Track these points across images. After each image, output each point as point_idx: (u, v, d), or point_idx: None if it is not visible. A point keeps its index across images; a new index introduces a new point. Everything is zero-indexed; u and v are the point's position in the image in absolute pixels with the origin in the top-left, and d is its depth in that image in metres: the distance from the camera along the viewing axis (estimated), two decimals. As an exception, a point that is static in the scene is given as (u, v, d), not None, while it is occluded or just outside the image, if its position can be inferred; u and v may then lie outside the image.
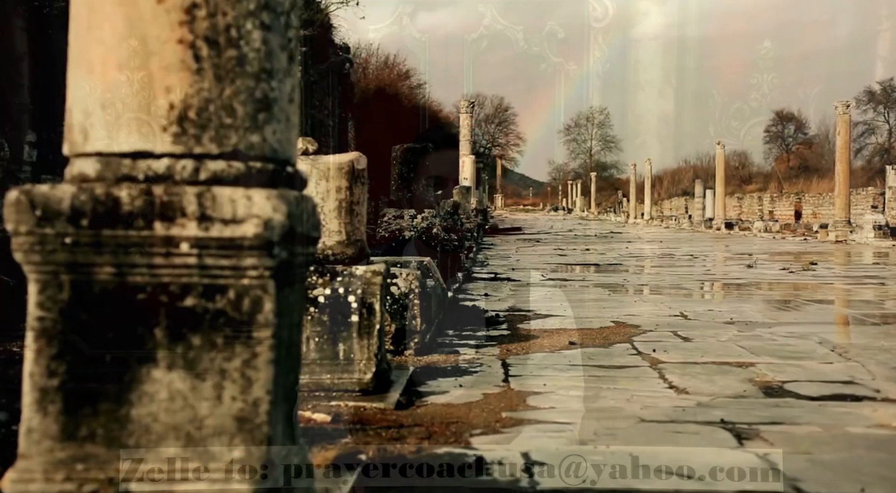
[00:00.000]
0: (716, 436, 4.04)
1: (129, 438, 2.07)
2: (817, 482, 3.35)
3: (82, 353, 2.06)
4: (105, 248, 2.05)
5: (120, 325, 2.06)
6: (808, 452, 3.77)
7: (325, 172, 4.87)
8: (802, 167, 68.90)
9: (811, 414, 4.49)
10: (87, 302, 2.06)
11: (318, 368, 4.72)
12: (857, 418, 4.42)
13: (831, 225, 31.70)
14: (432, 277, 7.28)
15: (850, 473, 3.47)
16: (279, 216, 2.08)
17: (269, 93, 2.17)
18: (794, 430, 4.15)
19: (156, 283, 2.06)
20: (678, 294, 11.30)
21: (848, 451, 3.80)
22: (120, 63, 2.09)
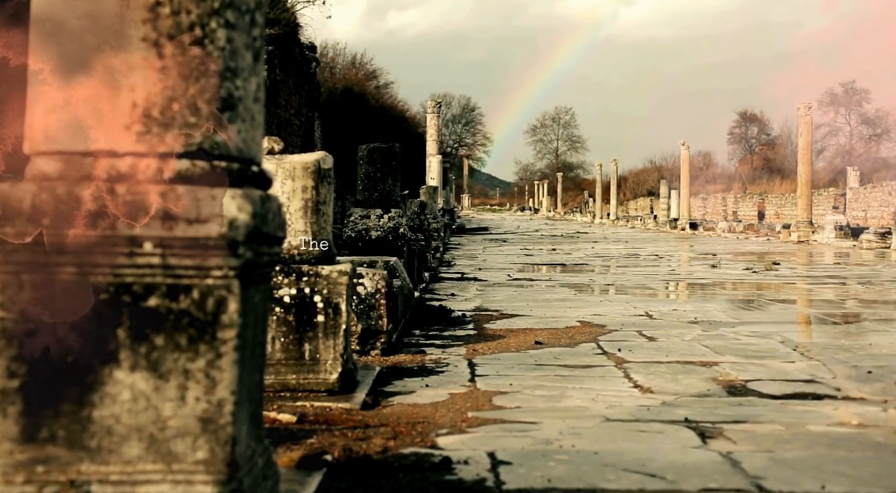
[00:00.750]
0: (680, 435, 4.07)
1: (92, 439, 2.05)
2: (779, 479, 3.38)
3: (44, 353, 2.04)
4: (67, 247, 2.03)
5: (82, 325, 2.04)
6: (771, 450, 3.81)
7: (291, 172, 4.85)
8: (766, 168, 69.72)
9: (773, 413, 4.55)
10: (48, 302, 2.04)
11: (284, 368, 4.70)
12: (818, 416, 4.47)
13: (793, 225, 32.08)
14: (399, 277, 7.28)
15: (811, 470, 3.52)
16: (244, 216, 2.07)
17: (233, 91, 2.16)
18: (756, 428, 4.20)
19: (119, 283, 2.04)
20: (643, 294, 11.38)
21: (809, 449, 3.85)
22: (83, 61, 2.07)
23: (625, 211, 69.86)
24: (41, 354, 2.04)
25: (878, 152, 65.61)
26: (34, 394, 2.04)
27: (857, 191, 41.99)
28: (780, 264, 17.51)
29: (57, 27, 2.10)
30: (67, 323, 2.04)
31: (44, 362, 2.04)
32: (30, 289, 2.04)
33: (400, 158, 10.96)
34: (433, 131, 36.78)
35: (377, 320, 6.21)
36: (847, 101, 70.13)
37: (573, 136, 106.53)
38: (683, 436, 4.05)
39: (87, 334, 2.04)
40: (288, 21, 21.33)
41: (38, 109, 2.13)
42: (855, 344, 6.96)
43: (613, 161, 59.36)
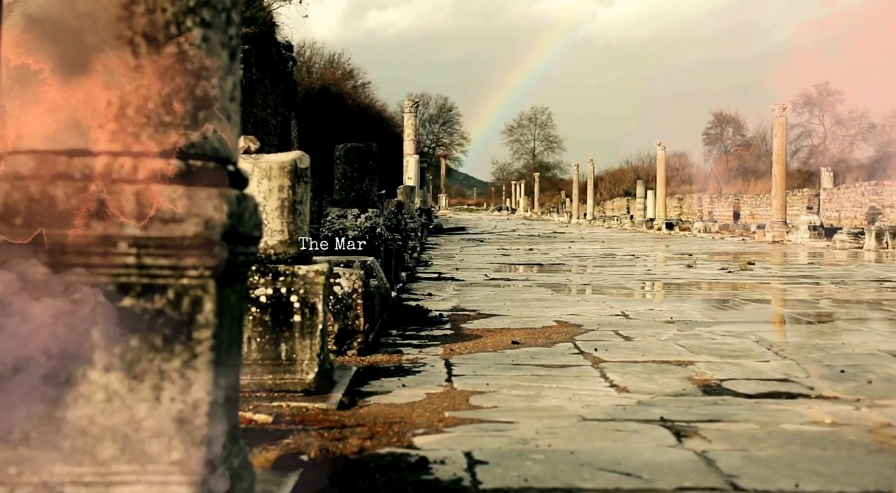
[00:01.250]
0: (655, 434, 4.09)
1: (65, 440, 2.03)
2: (753, 478, 3.41)
3: (16, 353, 2.02)
4: (40, 247, 2.01)
5: (56, 325, 2.03)
6: (745, 449, 3.84)
7: (268, 171, 4.83)
8: (741, 169, 70.19)
9: (748, 412, 4.58)
10: (21, 302, 2.02)
11: (260, 368, 4.68)
12: (792, 415, 4.51)
13: (768, 225, 32.32)
14: (376, 276, 7.27)
15: (785, 469, 3.54)
16: (220, 215, 2.06)
17: (209, 90, 2.15)
18: (731, 427, 4.23)
19: (93, 282, 2.03)
20: (620, 294, 11.43)
21: (783, 447, 3.88)
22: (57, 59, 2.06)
23: (601, 211, 70.12)
24: (13, 354, 2.02)
25: (851, 153, 66.24)
26: (6, 395, 2.02)
27: (830, 191, 42.36)
28: (755, 263, 17.64)
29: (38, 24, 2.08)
30: (41, 323, 2.02)
31: (16, 363, 2.02)
32: (1, 288, 2.02)
33: (377, 157, 10.95)
34: (410, 131, 36.77)
35: (354, 320, 6.20)
36: (821, 102, 70.75)
37: (550, 136, 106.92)
38: (659, 435, 4.07)
39: (60, 333, 2.03)
40: (264, 20, 21.26)
41: (11, 106, 2.11)
42: (828, 344, 7.02)
43: (590, 161, 59.56)
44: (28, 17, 2.09)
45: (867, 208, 36.40)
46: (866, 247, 24.12)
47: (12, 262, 2.02)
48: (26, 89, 2.09)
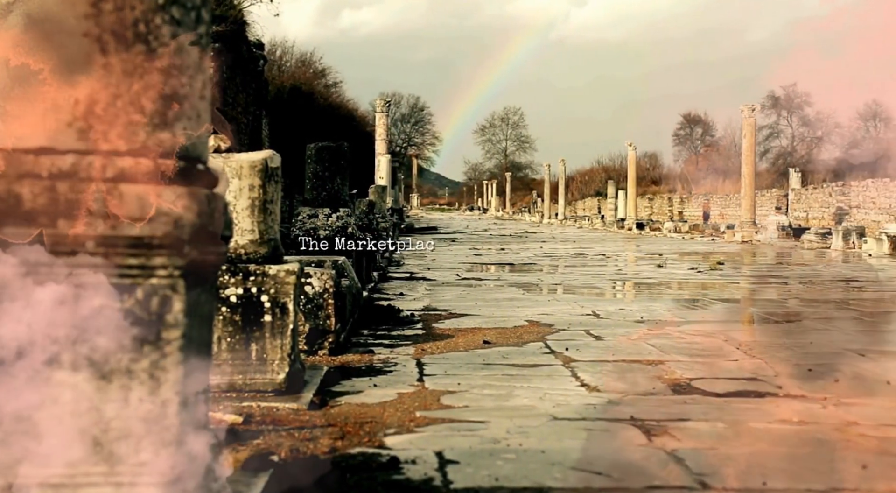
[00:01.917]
0: (625, 433, 4.11)
1: (32, 442, 2.01)
2: (722, 476, 3.44)
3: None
4: (6, 247, 1.99)
5: (23, 325, 2.00)
6: (714, 447, 3.87)
7: (238, 170, 4.81)
8: (710, 169, 70.72)
9: (717, 411, 4.62)
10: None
11: (230, 368, 4.65)
12: (760, 414, 4.55)
13: (737, 226, 32.59)
14: (347, 276, 7.25)
15: (754, 467, 3.58)
16: (189, 215, 2.05)
17: (179, 89, 2.13)
18: (700, 426, 4.26)
19: (60, 282, 2.01)
20: (591, 293, 11.48)
21: (751, 446, 3.91)
22: (23, 56, 2.03)
23: (573, 211, 70.38)
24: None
25: (818, 154, 66.97)
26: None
27: (798, 192, 42.79)
28: (724, 263, 17.78)
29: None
30: (6, 323, 2.00)
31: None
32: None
33: (348, 157, 10.93)
34: (382, 130, 36.73)
35: (325, 319, 6.19)
36: (788, 103, 71.48)
37: (522, 136, 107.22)
38: (629, 434, 4.09)
39: (28, 333, 2.01)
40: (235, 18, 21.14)
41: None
42: (796, 343, 7.10)
43: (562, 161, 59.76)
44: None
45: (834, 209, 36.80)
46: (833, 247, 24.40)
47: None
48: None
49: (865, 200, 34.99)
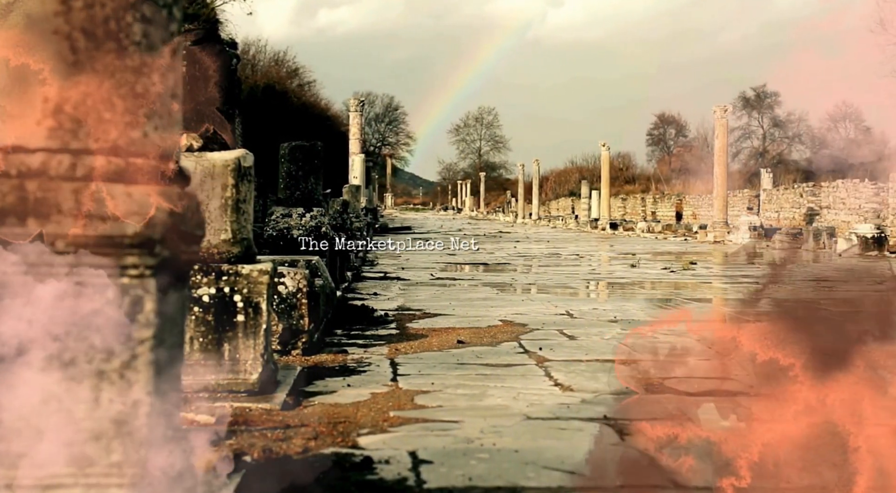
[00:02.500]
0: (599, 432, 4.13)
1: (1, 443, 1.99)
2: (694, 474, 3.46)
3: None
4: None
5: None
6: (686, 447, 3.89)
7: (211, 169, 4.78)
8: (683, 169, 71.22)
9: (689, 410, 4.64)
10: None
11: (202, 369, 4.62)
12: (731, 412, 4.58)
13: (710, 226, 32.82)
14: (321, 276, 7.23)
15: (724, 466, 3.60)
16: (161, 214, 2.04)
17: (150, 87, 2.12)
18: (672, 425, 4.28)
19: (29, 281, 1.99)
20: (564, 293, 11.51)
21: (722, 445, 3.93)
22: None
23: (547, 211, 70.58)
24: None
25: (789, 155, 67.61)
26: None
27: (770, 192, 43.16)
28: (696, 263, 17.90)
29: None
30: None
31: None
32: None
33: (322, 156, 10.89)
34: (356, 130, 36.63)
35: (298, 319, 6.16)
36: (759, 104, 72.08)
37: (496, 136, 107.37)
38: (602, 433, 4.11)
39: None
40: (208, 17, 21.02)
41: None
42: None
43: (535, 161, 59.90)
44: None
45: (805, 209, 37.14)
46: (804, 247, 24.62)
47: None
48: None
49: (836, 201, 35.36)
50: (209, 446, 3.58)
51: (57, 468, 1.99)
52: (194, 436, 3.70)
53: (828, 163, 48.92)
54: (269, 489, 3.18)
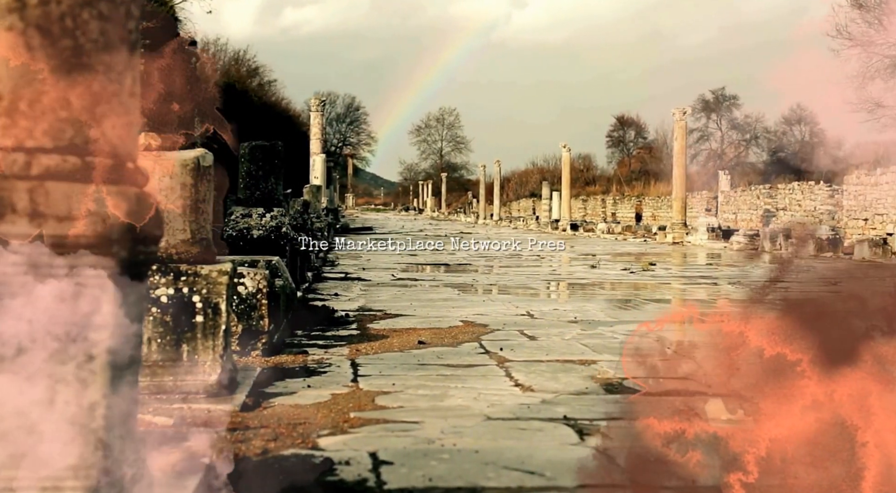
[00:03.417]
0: (558, 432, 4.15)
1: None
2: (653, 475, 3.49)
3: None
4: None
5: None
6: (646, 446, 3.92)
7: (170, 169, 4.73)
8: (643, 171, 71.81)
9: (649, 409, 4.68)
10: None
11: (161, 370, 4.58)
12: (690, 411, 4.62)
13: (669, 227, 33.11)
14: (281, 276, 7.19)
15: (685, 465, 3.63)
16: (118, 213, 2.01)
17: (107, 85, 2.09)
18: (632, 425, 4.31)
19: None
20: (525, 294, 11.56)
21: (681, 443, 3.97)
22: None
23: (508, 212, 70.77)
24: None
25: (747, 157, 68.47)
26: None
27: (728, 194, 43.64)
28: (656, 264, 18.06)
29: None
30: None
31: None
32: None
33: (283, 156, 10.83)
34: (317, 130, 36.50)
35: (258, 320, 6.12)
36: (718, 107, 72.90)
37: (457, 137, 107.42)
38: (562, 433, 4.13)
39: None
40: (167, 15, 20.83)
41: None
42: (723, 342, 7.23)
43: (497, 162, 60.04)
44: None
45: (762, 211, 37.62)
46: (761, 248, 24.94)
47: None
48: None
49: (792, 203, 35.86)
50: (166, 448, 3.55)
51: (11, 471, 1.96)
52: (152, 438, 3.66)
53: (784, 165, 49.61)
54: (226, 492, 3.16)
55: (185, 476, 3.12)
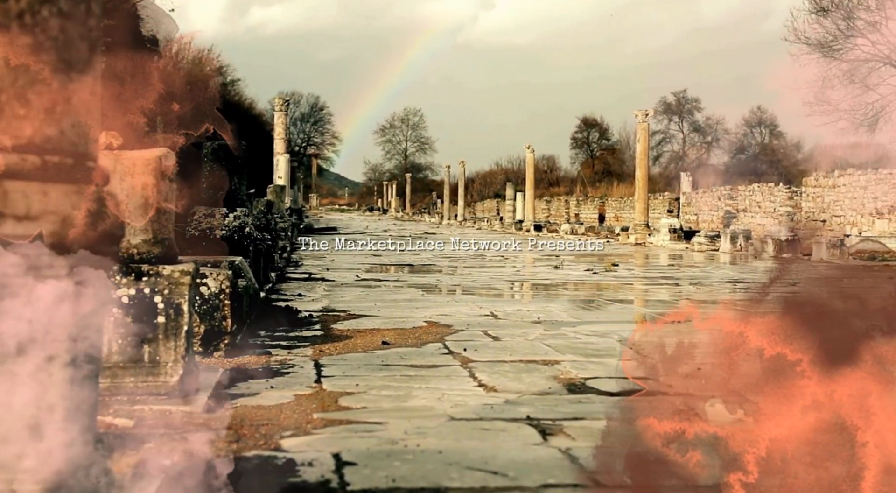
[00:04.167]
0: (522, 432, 4.17)
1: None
2: (616, 474, 3.51)
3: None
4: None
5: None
6: (609, 446, 3.95)
7: (131, 168, 4.69)
8: (606, 172, 72.30)
9: (611, 409, 4.72)
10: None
11: (121, 371, 4.53)
12: (651, 411, 4.66)
13: (631, 228, 33.34)
14: (244, 277, 7.15)
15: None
16: (78, 213, 1.99)
17: (67, 84, 2.07)
18: (594, 425, 4.35)
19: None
20: (489, 294, 11.58)
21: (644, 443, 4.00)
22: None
23: (472, 212, 70.86)
24: None
25: (708, 159, 69.16)
26: None
27: (689, 195, 44.04)
28: (618, 265, 18.18)
29: None
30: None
31: None
32: None
33: (246, 156, 10.77)
34: (281, 130, 36.31)
35: (221, 321, 6.08)
36: (680, 109, 73.58)
37: (422, 137, 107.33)
38: (525, 433, 4.15)
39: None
40: (128, 12, 20.61)
41: None
42: (685, 343, 7.29)
43: (461, 163, 60.10)
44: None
45: (723, 212, 38.02)
46: (722, 249, 25.19)
47: None
48: None
49: (752, 204, 36.27)
50: (127, 449, 3.52)
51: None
52: (112, 440, 3.63)
53: (745, 167, 50.16)
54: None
55: (145, 478, 3.09)
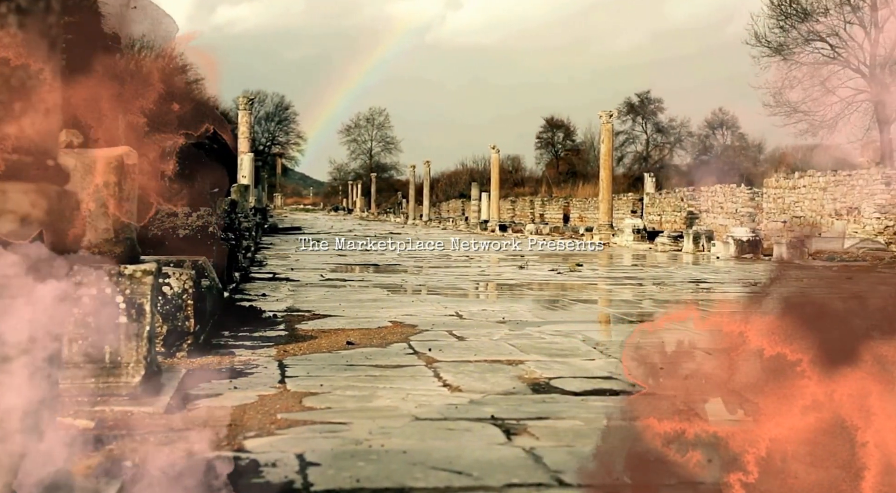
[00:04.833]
0: (486, 432, 4.18)
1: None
2: (577, 473, 3.53)
3: None
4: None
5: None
6: (571, 445, 3.98)
7: (92, 167, 4.64)
8: (570, 172, 72.65)
9: (574, 409, 4.74)
10: None
11: (82, 371, 4.48)
12: (615, 411, 4.70)
13: (596, 228, 33.53)
14: (207, 276, 7.09)
15: (609, 462, 3.69)
16: (37, 212, 1.97)
17: (26, 81, 2.04)
18: (558, 424, 4.37)
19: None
20: (454, 294, 11.59)
21: (606, 443, 4.03)
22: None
23: (437, 212, 70.86)
24: None
25: (671, 160, 69.75)
26: None
27: (653, 196, 44.34)
28: (583, 265, 18.27)
29: None
30: None
31: None
32: None
33: (210, 155, 10.69)
34: (245, 129, 36.06)
35: (184, 321, 6.04)
36: (643, 110, 74.12)
37: (387, 137, 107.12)
38: (489, 433, 4.16)
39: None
40: (90, 9, 20.37)
41: None
42: (649, 342, 7.35)
43: (426, 163, 60.09)
44: None
45: (686, 213, 38.32)
46: (685, 250, 25.41)
47: None
48: None
49: (714, 205, 36.61)
50: (88, 451, 3.48)
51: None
52: (72, 441, 3.58)
53: (707, 168, 50.63)
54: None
55: (106, 481, 3.06)
